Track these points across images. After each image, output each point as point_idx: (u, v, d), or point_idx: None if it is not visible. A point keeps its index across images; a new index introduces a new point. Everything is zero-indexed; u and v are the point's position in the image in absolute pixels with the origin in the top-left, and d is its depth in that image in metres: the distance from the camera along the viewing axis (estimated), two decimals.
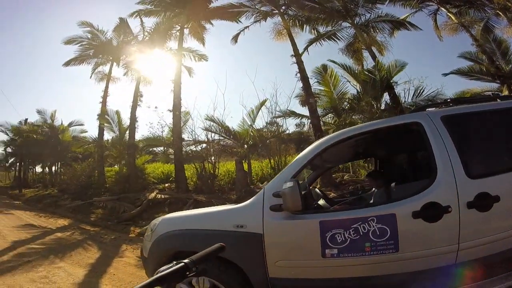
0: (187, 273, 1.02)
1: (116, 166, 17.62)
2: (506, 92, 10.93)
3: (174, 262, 1.02)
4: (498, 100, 2.90)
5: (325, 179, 9.78)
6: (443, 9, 13.68)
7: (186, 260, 1.03)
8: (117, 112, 16.70)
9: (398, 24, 13.75)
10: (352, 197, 4.17)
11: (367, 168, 9.17)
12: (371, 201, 3.19)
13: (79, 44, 16.35)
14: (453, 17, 13.58)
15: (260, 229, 2.38)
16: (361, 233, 2.19)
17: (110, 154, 17.52)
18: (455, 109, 2.69)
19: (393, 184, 3.04)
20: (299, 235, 2.38)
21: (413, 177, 2.99)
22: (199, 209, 3.58)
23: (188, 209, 8.53)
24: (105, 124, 16.35)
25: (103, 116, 16.13)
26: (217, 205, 8.22)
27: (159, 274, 0.94)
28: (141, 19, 15.54)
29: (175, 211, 7.80)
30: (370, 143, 3.45)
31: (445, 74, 13.10)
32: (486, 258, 2.19)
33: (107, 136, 17.49)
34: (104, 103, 16.45)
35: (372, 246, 2.17)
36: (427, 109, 2.77)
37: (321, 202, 3.27)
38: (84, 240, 7.15)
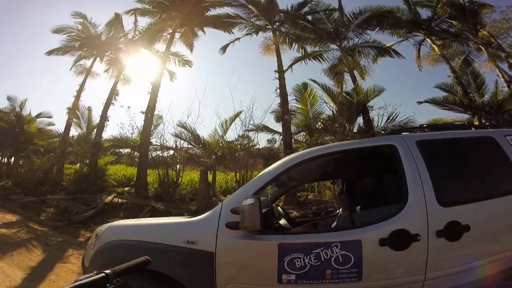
0: (107, 285, 0.98)
1: (77, 165, 16.82)
2: (477, 123, 11.39)
3: (95, 272, 0.98)
4: (472, 128, 2.88)
5: (289, 197, 9.61)
6: (428, 40, 14.26)
7: (107, 271, 0.99)
8: (89, 108, 16.20)
9: (383, 51, 14.17)
10: (316, 218, 4.01)
11: (332, 189, 9.16)
12: (335, 224, 3.06)
13: (67, 35, 15.79)
14: (436, 49, 14.14)
15: (212, 247, 2.17)
16: (323, 259, 2.03)
17: (73, 151, 16.75)
18: (430, 135, 2.68)
19: (358, 208, 2.91)
20: (255, 257, 2.19)
21: (381, 202, 2.88)
22: (151, 218, 3.33)
23: (144, 217, 8.23)
24: (73, 120, 15.73)
25: (74, 110, 15.48)
26: (176, 215, 8.13)
27: (77, 283, 0.91)
28: (136, 17, 15.33)
29: (130, 218, 7.37)
30: (340, 163, 3.34)
31: (420, 102, 13.66)
32: None
33: (74, 132, 16.84)
34: (77, 97, 15.76)
35: (334, 274, 2.03)
36: (402, 133, 2.71)
37: (283, 221, 3.10)
38: (29, 240, 6.67)
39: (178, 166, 12.56)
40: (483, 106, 12.57)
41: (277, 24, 14.14)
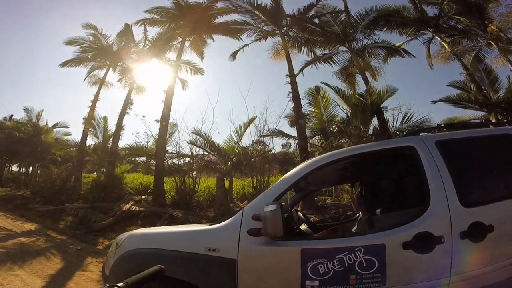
0: None
1: (94, 173, 17.10)
2: (493, 120, 11.08)
3: (107, 285, 0.94)
4: (490, 126, 2.82)
5: (307, 202, 9.57)
6: (437, 38, 14.09)
7: (120, 284, 0.96)
8: (104, 118, 16.51)
9: (393, 51, 14.09)
10: (336, 222, 3.97)
11: (351, 192, 9.05)
12: (356, 228, 3.02)
13: (79, 46, 16.16)
14: (446, 46, 13.98)
15: (234, 254, 2.16)
16: (346, 264, 2.01)
17: (90, 160, 17.04)
18: (449, 134, 2.63)
19: (378, 211, 2.87)
20: (278, 264, 2.16)
21: (401, 205, 2.84)
22: (171, 226, 3.34)
23: (163, 224, 8.28)
24: (90, 129, 16.06)
25: (90, 120, 15.82)
26: (193, 222, 8.16)
27: None
28: (145, 27, 15.60)
29: (148, 225, 7.44)
30: (359, 166, 3.31)
31: (434, 102, 13.29)
32: None
33: (90, 141, 17.18)
34: (93, 107, 16.12)
35: (358, 279, 1.99)
36: (420, 134, 2.67)
37: (303, 227, 3.06)
38: (48, 248, 6.74)
39: (194, 173, 12.69)
40: (499, 102, 12.23)
41: (284, 28, 14.24)
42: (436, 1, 13.56)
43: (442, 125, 3.10)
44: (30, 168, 22.91)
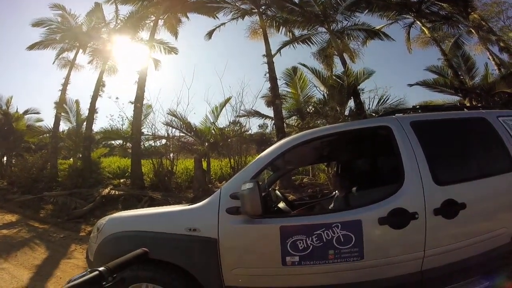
0: (103, 283, 0.93)
1: (71, 159, 16.59)
2: (468, 105, 11.51)
3: (88, 270, 0.93)
4: (465, 109, 2.93)
5: (284, 181, 9.68)
6: (418, 22, 14.19)
7: (100, 268, 0.94)
8: (76, 102, 15.75)
9: (372, 34, 14.02)
10: (313, 200, 4.06)
11: (327, 171, 9.26)
12: (332, 206, 3.11)
13: (47, 27, 15.27)
14: (426, 31, 14.09)
15: (215, 233, 2.20)
16: (325, 240, 2.08)
17: (65, 146, 16.50)
18: (424, 116, 2.69)
19: (354, 189, 2.98)
20: (258, 241, 2.22)
21: (376, 183, 2.96)
22: (151, 208, 3.34)
23: (143, 207, 8.24)
24: (62, 114, 15.31)
25: (61, 104, 15.10)
26: (173, 203, 8.13)
27: (70, 284, 0.87)
28: (116, 5, 14.84)
29: (129, 209, 7.43)
30: (335, 146, 3.38)
31: (411, 85, 13.46)
32: (450, 265, 2.19)
33: (64, 126, 16.46)
34: (64, 91, 15.33)
35: (336, 254, 2.08)
36: (396, 114, 2.72)
37: (281, 205, 3.14)
38: (31, 239, 6.64)
39: (171, 155, 12.51)
40: (474, 88, 12.56)
41: (263, 7, 13.85)
42: None
43: (417, 106, 3.19)
44: (5, 158, 21.98)
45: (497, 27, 14.35)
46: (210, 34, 14.80)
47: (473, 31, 13.74)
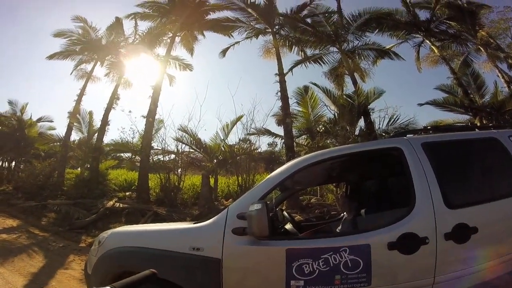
0: None
1: (78, 169, 16.74)
2: (478, 124, 11.37)
3: None
4: (476, 130, 2.87)
5: (291, 201, 9.59)
6: (427, 41, 14.34)
7: (107, 287, 0.93)
8: (90, 113, 16.18)
9: (382, 53, 14.21)
10: (320, 222, 3.97)
11: (335, 192, 9.12)
12: (340, 228, 3.04)
13: (67, 39, 15.75)
14: (435, 50, 14.23)
15: (218, 253, 2.13)
16: (332, 264, 2.00)
17: (74, 156, 16.69)
18: (436, 137, 2.66)
19: (363, 211, 2.91)
20: (263, 263, 2.15)
21: (385, 205, 2.88)
22: (155, 224, 3.29)
23: (146, 222, 8.22)
24: (74, 124, 15.69)
25: (75, 114, 15.46)
26: (178, 219, 8.09)
27: None
28: (136, 21, 15.38)
29: (132, 223, 7.33)
30: (345, 167, 3.31)
31: (421, 104, 13.49)
32: None
33: (75, 136, 16.80)
34: (79, 101, 15.74)
35: (343, 279, 1.99)
36: (407, 135, 2.68)
37: (288, 226, 3.06)
38: (30, 246, 6.59)
39: (179, 170, 12.57)
40: (484, 106, 12.54)
41: (276, 27, 14.17)
42: (429, 5, 13.80)
43: (429, 127, 3.12)
44: (13, 163, 22.29)
45: (505, 43, 14.48)
46: (224, 52, 15.12)
47: (481, 48, 13.81)
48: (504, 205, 2.27)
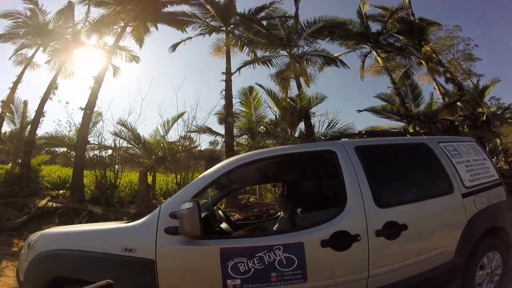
0: None
1: (9, 164, 15.11)
2: (412, 130, 12.39)
3: None
4: (408, 135, 3.12)
5: (230, 200, 9.64)
6: (374, 52, 15.18)
7: None
8: (25, 102, 14.62)
9: (330, 60, 14.76)
10: (258, 220, 4.03)
11: (274, 192, 9.35)
12: (276, 227, 3.10)
13: (13, 21, 14.23)
14: (380, 61, 15.11)
15: (152, 254, 2.08)
16: (267, 263, 2.05)
17: (5, 149, 15.04)
18: (369, 141, 2.82)
19: (298, 210, 3.00)
20: (198, 263, 2.13)
21: (321, 205, 3.03)
22: (87, 224, 3.13)
23: (81, 222, 7.75)
24: (7, 114, 14.10)
25: (8, 104, 13.89)
26: (114, 219, 7.70)
27: None
28: (89, 7, 14.24)
29: (66, 223, 6.84)
30: (281, 167, 3.41)
31: (360, 111, 14.23)
32: (396, 284, 2.26)
33: (6, 128, 15.14)
34: (14, 89, 14.11)
35: (279, 276, 2.05)
36: (341, 139, 2.83)
37: (224, 225, 3.08)
38: None
39: (116, 167, 11.97)
40: (418, 115, 13.62)
41: (231, 26, 14.10)
42: (382, 19, 14.67)
43: (363, 132, 3.35)
44: None
45: (446, 59, 15.95)
46: (174, 47, 14.65)
47: (423, 62, 14.97)
48: (432, 204, 2.50)
